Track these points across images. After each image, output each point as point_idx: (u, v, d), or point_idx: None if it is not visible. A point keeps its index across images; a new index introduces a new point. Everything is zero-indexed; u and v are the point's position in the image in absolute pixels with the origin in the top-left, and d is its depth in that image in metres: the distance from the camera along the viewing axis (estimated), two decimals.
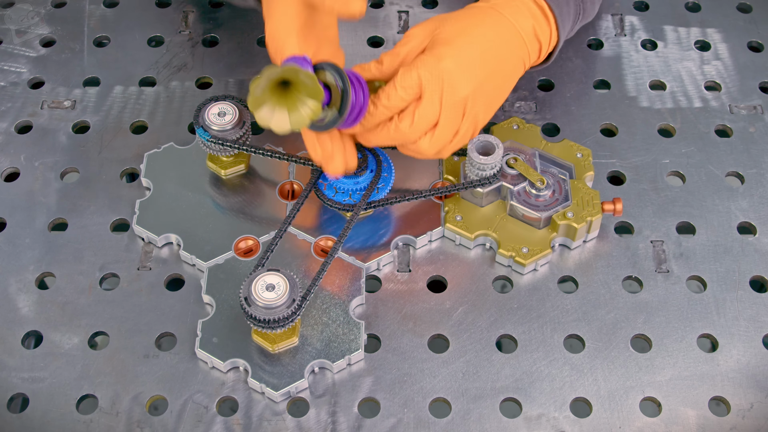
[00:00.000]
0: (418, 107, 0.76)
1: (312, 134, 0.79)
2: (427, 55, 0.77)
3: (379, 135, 0.79)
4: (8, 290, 0.83)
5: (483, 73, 0.78)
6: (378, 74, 0.79)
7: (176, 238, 0.85)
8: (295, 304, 0.75)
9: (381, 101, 0.77)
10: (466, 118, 0.78)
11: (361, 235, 0.85)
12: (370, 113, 0.77)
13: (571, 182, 0.86)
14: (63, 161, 0.92)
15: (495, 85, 0.80)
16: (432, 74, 0.76)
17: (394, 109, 0.77)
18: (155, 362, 0.79)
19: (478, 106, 0.79)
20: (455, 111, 0.77)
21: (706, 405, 0.77)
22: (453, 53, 0.77)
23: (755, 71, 1.00)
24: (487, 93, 0.79)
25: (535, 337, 0.81)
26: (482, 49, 0.78)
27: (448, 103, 0.76)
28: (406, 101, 0.77)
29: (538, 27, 0.82)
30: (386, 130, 0.78)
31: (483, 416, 0.77)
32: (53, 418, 0.76)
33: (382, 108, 0.77)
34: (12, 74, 1.00)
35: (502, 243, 0.84)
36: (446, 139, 0.78)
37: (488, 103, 0.80)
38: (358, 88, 0.75)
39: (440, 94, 0.76)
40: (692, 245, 0.86)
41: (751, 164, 0.92)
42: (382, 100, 0.77)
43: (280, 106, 0.71)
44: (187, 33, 1.03)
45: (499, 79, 0.80)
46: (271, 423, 0.76)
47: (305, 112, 0.71)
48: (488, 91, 0.79)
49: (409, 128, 0.77)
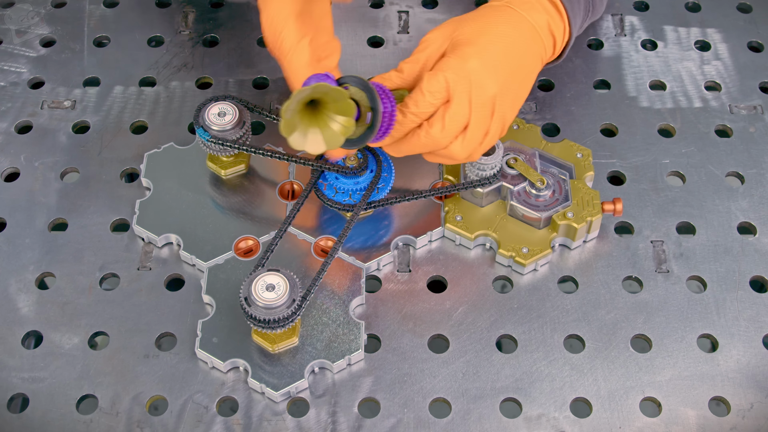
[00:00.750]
0: (447, 111, 0.76)
1: (342, 153, 0.79)
2: (451, 58, 0.76)
3: (410, 143, 0.78)
4: (8, 290, 0.83)
5: (507, 71, 0.78)
6: (400, 82, 0.79)
7: (176, 238, 0.85)
8: (295, 304, 0.75)
9: (410, 109, 0.76)
10: (495, 117, 0.78)
11: (361, 235, 0.85)
12: (399, 122, 0.76)
13: (571, 182, 0.86)
14: (63, 161, 0.92)
15: (518, 82, 0.80)
16: (459, 75, 0.75)
17: (423, 116, 0.76)
18: (155, 362, 0.79)
19: (505, 105, 0.78)
20: (485, 111, 0.77)
21: (706, 405, 0.77)
22: (477, 53, 0.76)
23: (755, 71, 1.00)
24: (512, 90, 0.79)
25: (535, 337, 0.81)
26: (504, 46, 0.78)
27: (478, 103, 0.76)
28: (435, 106, 0.76)
29: (552, 22, 0.82)
30: (417, 137, 0.77)
31: (483, 416, 0.77)
32: (53, 418, 0.76)
33: (411, 116, 0.76)
34: (12, 74, 1.00)
35: (502, 243, 0.84)
36: (477, 140, 0.78)
37: (514, 101, 0.80)
38: (386, 98, 0.74)
39: (469, 94, 0.76)
40: (692, 245, 0.86)
41: (751, 164, 0.92)
42: (411, 108, 0.76)
43: (312, 127, 0.70)
44: (187, 33, 1.03)
45: (521, 75, 0.80)
46: (271, 423, 0.76)
47: (338, 129, 0.70)
48: (513, 89, 0.79)
49: (440, 133, 0.76)
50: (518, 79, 0.80)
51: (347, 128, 0.70)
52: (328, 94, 0.69)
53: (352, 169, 0.83)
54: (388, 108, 0.74)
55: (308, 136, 0.70)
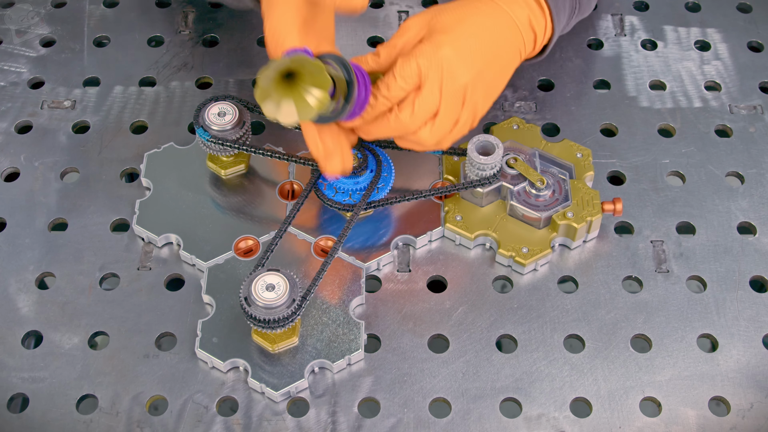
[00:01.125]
0: (418, 96, 0.76)
1: (314, 130, 0.78)
2: (425, 44, 0.77)
3: (380, 127, 0.79)
4: (8, 290, 0.83)
5: (482, 62, 0.78)
6: (375, 66, 0.80)
7: (176, 238, 0.85)
8: (295, 304, 0.75)
9: (381, 92, 0.77)
10: (465, 107, 0.78)
11: (361, 235, 0.85)
12: (371, 105, 0.77)
13: (571, 182, 0.86)
14: (63, 161, 0.92)
15: (493, 74, 0.80)
16: (431, 62, 0.76)
17: (393, 100, 0.77)
18: (155, 362, 0.79)
19: (477, 95, 0.79)
20: (455, 99, 0.77)
21: (706, 405, 0.77)
22: (451, 41, 0.77)
23: (755, 71, 1.00)
24: (485, 81, 0.79)
25: (535, 337, 0.81)
26: (480, 37, 0.78)
27: (448, 91, 0.77)
28: (406, 91, 0.77)
29: (534, 17, 0.82)
30: (386, 121, 0.78)
31: (483, 416, 0.77)
32: (53, 418, 0.76)
33: (382, 99, 0.77)
34: (12, 74, 1.00)
35: (502, 243, 0.84)
36: (446, 128, 0.79)
37: (487, 92, 0.80)
38: (361, 78, 0.75)
39: (440, 82, 0.76)
40: (692, 245, 0.86)
41: (751, 164, 0.92)
42: (382, 91, 0.77)
43: (287, 98, 0.71)
44: (187, 33, 1.03)
45: (497, 67, 0.80)
46: (271, 423, 0.76)
47: (312, 102, 0.70)
48: (487, 80, 0.79)
49: (409, 118, 0.77)
50: (493, 71, 0.80)
51: (321, 102, 0.71)
52: (305, 67, 0.70)
53: (352, 169, 0.83)
54: (362, 87, 0.75)
55: (282, 105, 0.71)
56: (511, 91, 0.97)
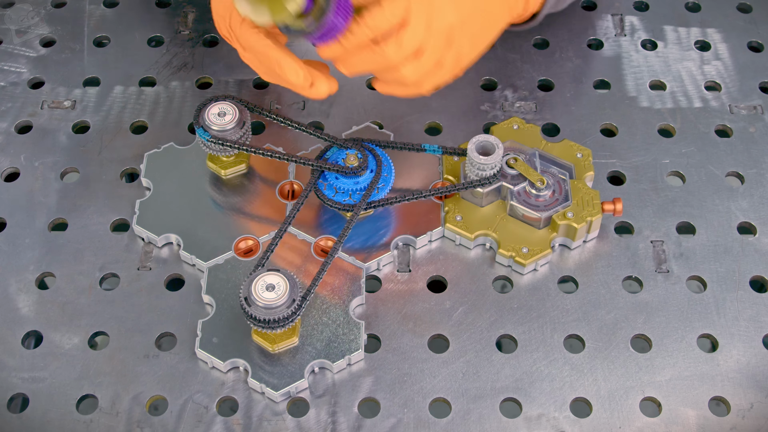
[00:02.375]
0: (404, 30, 0.75)
1: (291, 56, 0.78)
2: None
3: (361, 57, 0.77)
4: (8, 290, 0.83)
5: (470, 7, 0.78)
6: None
7: (176, 238, 0.85)
8: (295, 304, 0.75)
9: (365, 20, 0.75)
10: (451, 49, 0.78)
11: (361, 235, 0.85)
12: (351, 32, 0.75)
13: (571, 182, 0.86)
14: (63, 161, 0.92)
15: (480, 23, 0.80)
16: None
17: (375, 30, 0.75)
18: (155, 362, 0.79)
19: (463, 39, 0.78)
20: (441, 37, 0.77)
21: (706, 405, 0.77)
22: None
23: (755, 71, 1.00)
24: (472, 28, 0.79)
25: (535, 337, 0.81)
26: None
27: (436, 29, 0.76)
28: (390, 23, 0.75)
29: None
30: (369, 52, 0.76)
31: (483, 416, 0.77)
32: (53, 418, 0.76)
33: (365, 28, 0.75)
34: (12, 74, 1.00)
35: (502, 243, 0.84)
36: (429, 66, 0.78)
37: (473, 40, 0.80)
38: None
39: (428, 18, 0.75)
40: (692, 245, 0.86)
41: (751, 164, 0.92)
42: (366, 19, 0.75)
43: None
44: (187, 33, 1.03)
45: (485, 17, 0.80)
46: (271, 423, 0.76)
47: (288, 4, 0.69)
48: (474, 27, 0.79)
49: (394, 51, 0.75)
50: (480, 20, 0.80)
51: (297, 4, 0.69)
52: None
53: (352, 169, 0.83)
54: (344, 5, 0.73)
55: (255, 2, 0.70)
56: (511, 91, 0.97)
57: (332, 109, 0.96)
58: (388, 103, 0.96)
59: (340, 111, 0.96)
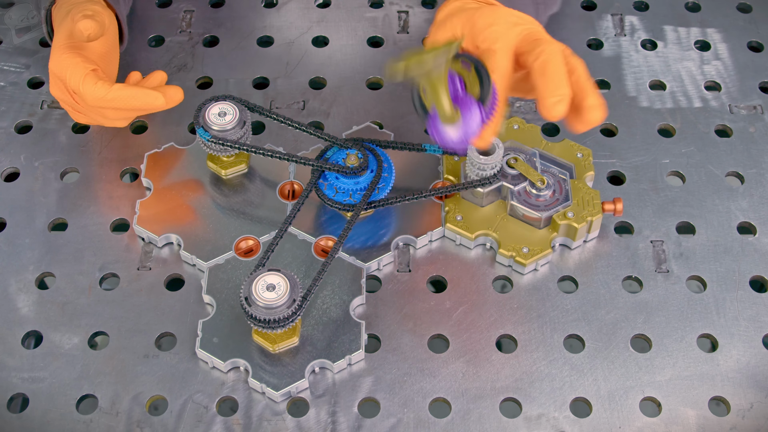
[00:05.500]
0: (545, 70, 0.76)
1: (141, 85, 0.85)
2: (547, 43, 0.78)
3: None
4: (8, 290, 0.83)
5: None
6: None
7: (176, 238, 0.85)
8: (296, 304, 0.75)
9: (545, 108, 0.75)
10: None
11: (362, 235, 0.85)
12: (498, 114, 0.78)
13: (571, 182, 0.86)
14: (63, 161, 0.92)
15: None
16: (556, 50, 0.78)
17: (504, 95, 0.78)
18: (155, 362, 0.79)
19: None
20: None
21: (706, 405, 0.77)
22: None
23: (755, 71, 1.00)
24: None
25: (535, 337, 0.81)
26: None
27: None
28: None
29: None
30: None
31: (483, 416, 0.77)
32: (53, 418, 0.76)
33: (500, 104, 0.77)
34: (12, 74, 1.00)
35: (503, 243, 0.84)
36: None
37: None
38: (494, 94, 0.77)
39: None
40: (692, 245, 0.87)
41: (751, 164, 0.92)
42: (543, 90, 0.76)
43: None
44: (187, 33, 1.03)
45: None
46: (271, 423, 0.76)
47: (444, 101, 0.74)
48: None
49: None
50: None
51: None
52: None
53: (352, 169, 0.83)
54: (490, 101, 0.76)
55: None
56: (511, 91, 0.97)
57: (332, 109, 0.96)
58: (388, 103, 0.96)
59: (340, 111, 0.96)
